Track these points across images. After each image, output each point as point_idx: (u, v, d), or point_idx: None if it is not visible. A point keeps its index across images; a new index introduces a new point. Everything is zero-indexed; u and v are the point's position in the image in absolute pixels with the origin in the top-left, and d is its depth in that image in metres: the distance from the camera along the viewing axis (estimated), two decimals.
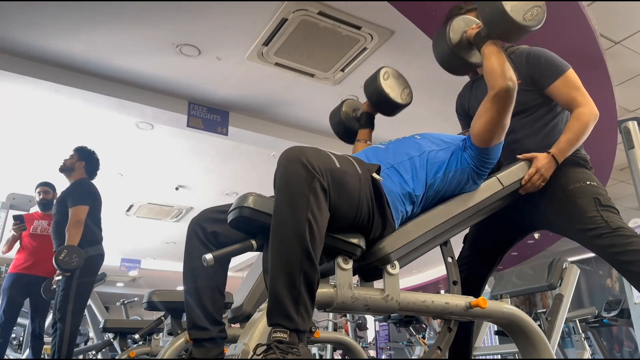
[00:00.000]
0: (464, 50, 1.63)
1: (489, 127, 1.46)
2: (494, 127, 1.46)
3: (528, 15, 1.46)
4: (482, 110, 1.48)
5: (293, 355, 1.01)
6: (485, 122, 1.46)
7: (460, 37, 1.62)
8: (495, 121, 1.45)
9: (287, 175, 1.12)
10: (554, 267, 2.94)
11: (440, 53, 1.66)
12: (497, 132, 1.47)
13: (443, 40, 1.62)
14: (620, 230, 1.55)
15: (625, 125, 2.41)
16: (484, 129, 1.46)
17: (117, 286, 11.63)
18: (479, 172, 1.50)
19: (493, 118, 1.45)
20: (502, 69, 1.45)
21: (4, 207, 4.59)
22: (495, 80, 1.44)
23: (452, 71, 1.74)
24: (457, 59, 1.63)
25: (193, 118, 4.59)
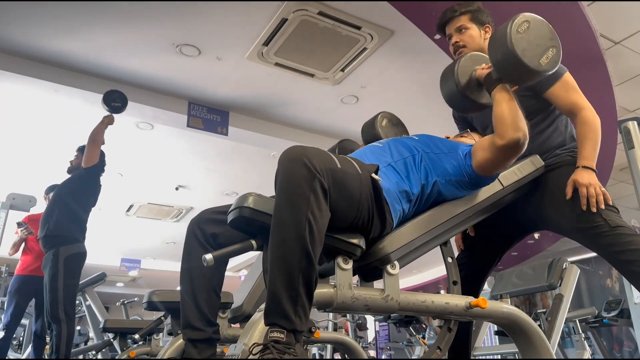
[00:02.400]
0: (474, 92, 1.52)
1: (490, 165, 1.45)
2: (496, 167, 1.46)
3: (544, 59, 1.36)
4: (486, 146, 1.44)
5: (290, 355, 1.00)
6: (487, 160, 1.44)
7: (469, 77, 1.52)
8: (497, 164, 1.45)
9: (288, 174, 1.12)
10: (554, 267, 2.94)
11: (448, 94, 1.56)
12: (497, 170, 1.49)
13: (451, 81, 1.52)
14: (619, 229, 1.55)
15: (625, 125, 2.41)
16: (485, 165, 1.45)
17: (117, 286, 11.63)
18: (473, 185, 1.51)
19: (496, 161, 1.44)
20: (512, 118, 1.38)
21: (4, 207, 4.59)
22: (505, 131, 1.38)
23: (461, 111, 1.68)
24: (467, 100, 1.53)
25: (193, 118, 4.59)
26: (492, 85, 1.45)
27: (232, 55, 3.99)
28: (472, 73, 1.52)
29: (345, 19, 3.56)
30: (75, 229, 3.49)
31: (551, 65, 1.37)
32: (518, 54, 1.33)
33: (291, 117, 4.98)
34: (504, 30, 1.36)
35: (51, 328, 3.28)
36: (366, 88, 4.43)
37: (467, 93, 1.51)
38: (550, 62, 1.37)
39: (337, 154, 1.97)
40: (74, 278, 3.42)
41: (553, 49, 1.38)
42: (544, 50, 1.36)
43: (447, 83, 1.55)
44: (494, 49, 1.39)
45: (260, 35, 3.73)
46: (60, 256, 3.36)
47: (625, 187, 6.33)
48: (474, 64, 1.54)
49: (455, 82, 1.50)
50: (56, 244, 3.39)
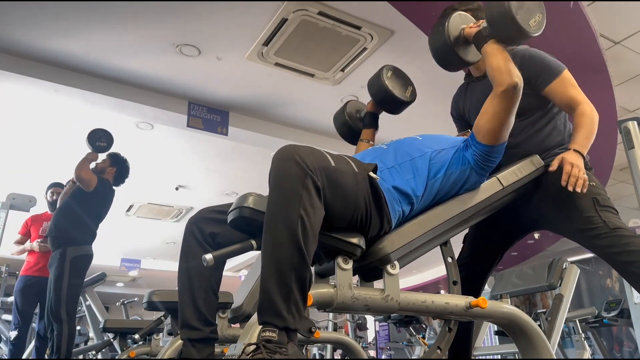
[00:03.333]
0: (461, 47, 1.63)
1: (495, 123, 1.46)
2: (500, 123, 1.47)
3: (532, 22, 1.48)
4: (487, 108, 1.49)
5: (281, 355, 0.99)
6: (491, 119, 1.46)
7: (459, 33, 1.62)
8: (501, 118, 1.46)
9: (279, 172, 1.12)
10: (554, 267, 2.94)
11: (436, 47, 1.65)
12: (503, 129, 1.48)
13: (441, 35, 1.62)
14: (618, 230, 1.54)
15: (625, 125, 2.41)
16: (490, 126, 1.46)
17: (117, 286, 11.63)
18: (480, 172, 1.50)
19: (499, 114, 1.46)
20: (507, 66, 1.46)
21: (4, 207, 4.59)
22: (502, 77, 1.45)
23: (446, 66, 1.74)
24: (454, 55, 1.63)
25: (193, 118, 4.59)
26: (482, 41, 1.54)
27: (232, 55, 3.99)
28: (461, 31, 1.62)
29: (345, 19, 3.56)
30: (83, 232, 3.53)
31: (537, 29, 1.50)
32: (513, 13, 1.45)
33: (291, 117, 4.98)
34: None
35: (52, 327, 3.29)
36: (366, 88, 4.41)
37: (455, 49, 1.61)
38: (537, 26, 1.50)
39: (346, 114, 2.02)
40: (78, 279, 3.44)
41: (540, 15, 1.51)
42: (532, 14, 1.49)
43: (436, 38, 1.65)
44: (491, 7, 1.50)
45: (260, 35, 3.73)
46: (67, 256, 3.39)
47: (625, 187, 6.33)
48: (463, 22, 1.64)
49: (445, 37, 1.60)
50: (63, 244, 3.41)
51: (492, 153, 1.49)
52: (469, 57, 1.65)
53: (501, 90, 1.44)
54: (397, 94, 1.88)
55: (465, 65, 1.70)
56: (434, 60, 1.70)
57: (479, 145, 1.48)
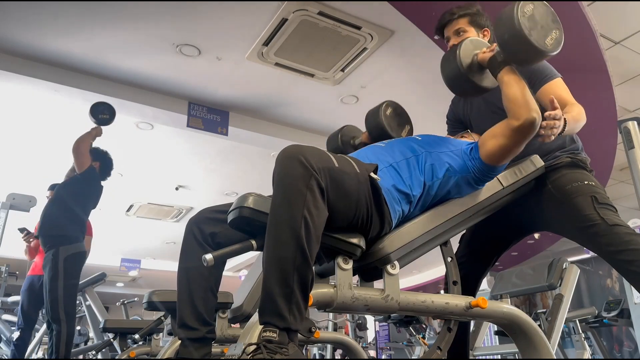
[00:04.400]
0: (476, 75, 1.53)
1: (502, 151, 1.45)
2: (508, 153, 1.46)
3: (549, 39, 1.39)
4: (498, 132, 1.45)
5: (281, 355, 0.99)
6: (499, 146, 1.44)
7: (471, 60, 1.53)
8: (511, 149, 1.45)
9: (284, 172, 1.12)
10: (554, 267, 2.94)
11: (449, 76, 1.56)
12: (509, 156, 1.48)
13: (453, 63, 1.53)
14: (617, 227, 1.54)
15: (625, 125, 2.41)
16: (497, 152, 1.45)
17: (117, 286, 11.63)
18: (478, 181, 1.51)
19: (509, 146, 1.44)
20: (525, 98, 1.40)
21: (4, 207, 4.59)
22: (519, 111, 1.40)
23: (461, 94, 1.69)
24: (469, 83, 1.53)
25: (193, 118, 4.59)
26: (498, 68, 1.46)
27: (232, 55, 3.99)
28: (474, 56, 1.53)
29: (345, 19, 3.56)
30: (74, 229, 3.49)
31: (555, 46, 1.40)
32: (525, 34, 1.35)
33: (291, 117, 4.98)
34: (510, 12, 1.38)
35: (51, 328, 3.29)
36: (366, 88, 4.42)
37: (470, 76, 1.52)
38: (554, 43, 1.40)
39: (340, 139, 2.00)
40: (73, 278, 3.42)
41: (556, 31, 1.42)
42: (548, 31, 1.40)
43: (448, 66, 1.56)
44: (501, 29, 1.41)
45: (260, 35, 3.73)
46: (60, 256, 3.36)
47: (625, 187, 6.33)
48: (475, 47, 1.55)
49: (458, 65, 1.51)
50: (56, 244, 3.39)
51: (492, 172, 1.50)
52: (486, 84, 1.55)
53: (517, 125, 1.40)
54: (393, 134, 1.86)
55: (484, 92, 1.60)
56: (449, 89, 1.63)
57: (480, 162, 1.47)
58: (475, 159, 1.47)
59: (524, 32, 1.35)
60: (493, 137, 1.46)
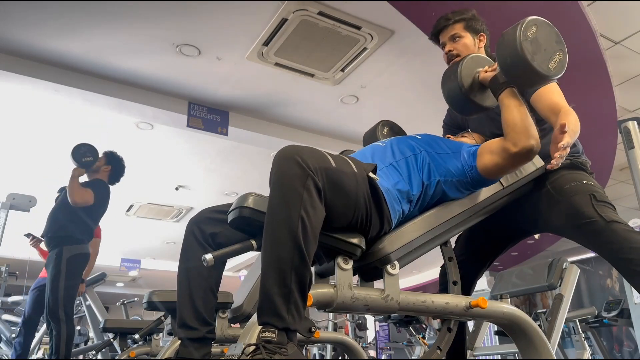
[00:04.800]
0: (477, 94, 1.51)
1: (497, 170, 1.46)
2: (503, 172, 1.48)
3: (552, 63, 1.36)
4: (495, 150, 1.44)
5: (280, 355, 1.00)
6: (495, 164, 1.44)
7: (472, 79, 1.50)
8: (505, 169, 1.47)
9: (281, 173, 1.12)
10: (554, 267, 2.94)
11: (450, 95, 1.55)
12: (504, 174, 1.50)
13: (454, 82, 1.51)
14: (615, 224, 1.52)
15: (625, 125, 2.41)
16: (492, 169, 1.46)
17: (117, 286, 11.63)
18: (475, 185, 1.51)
19: (504, 167, 1.45)
20: (524, 125, 1.38)
21: (4, 207, 4.58)
22: (518, 138, 1.38)
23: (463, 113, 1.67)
24: (470, 102, 1.52)
25: (193, 118, 4.59)
26: (499, 89, 1.44)
27: (232, 55, 3.99)
28: (475, 75, 1.51)
29: (345, 19, 3.56)
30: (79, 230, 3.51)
31: (559, 70, 1.37)
32: (528, 59, 1.32)
33: (291, 117, 4.98)
34: (513, 34, 1.35)
35: (51, 328, 3.29)
36: (366, 88, 4.43)
37: (470, 96, 1.50)
38: (558, 67, 1.37)
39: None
40: (75, 278, 3.43)
41: (560, 53, 1.38)
42: (551, 55, 1.36)
43: (449, 85, 1.54)
44: (503, 52, 1.38)
45: (260, 35, 3.73)
46: (64, 256, 3.38)
47: (625, 187, 6.33)
48: (477, 65, 1.53)
49: (458, 84, 1.49)
50: (60, 244, 3.41)
51: (487, 183, 1.51)
52: (488, 103, 1.54)
53: (514, 152, 1.39)
54: None
55: (485, 110, 1.58)
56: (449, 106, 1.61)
57: (476, 171, 1.47)
58: (472, 167, 1.47)
59: (526, 57, 1.32)
60: (490, 153, 1.45)
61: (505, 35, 1.39)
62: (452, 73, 1.53)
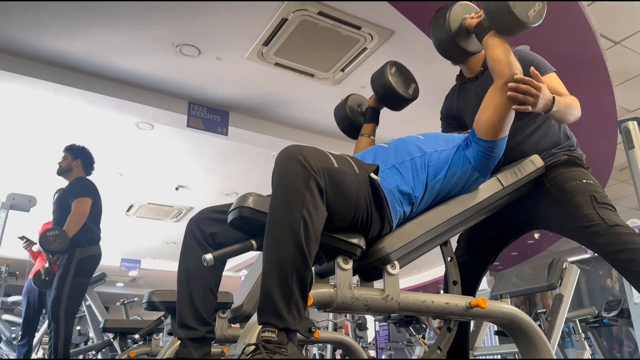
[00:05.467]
0: (463, 39, 1.66)
1: (496, 117, 1.47)
2: (502, 116, 1.47)
3: (531, 12, 1.48)
4: (488, 102, 1.50)
5: (280, 355, 1.00)
6: (492, 113, 1.47)
7: (460, 25, 1.65)
8: (503, 110, 1.47)
9: (283, 172, 1.12)
10: (554, 267, 2.94)
11: (438, 39, 1.70)
12: (504, 122, 1.49)
13: (442, 27, 1.65)
14: (617, 227, 1.53)
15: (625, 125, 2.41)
16: (492, 120, 1.47)
17: (117, 286, 11.63)
18: (481, 171, 1.50)
19: (501, 107, 1.47)
20: (508, 58, 1.48)
21: (4, 207, 4.58)
22: (503, 69, 1.47)
23: (450, 58, 1.78)
24: (456, 46, 1.67)
25: (193, 118, 4.59)
26: (483, 33, 1.56)
27: (232, 55, 3.99)
28: (462, 21, 1.65)
29: (345, 19, 3.56)
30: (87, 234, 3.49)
31: (537, 18, 1.49)
32: (510, 6, 1.45)
33: (291, 117, 4.98)
34: None
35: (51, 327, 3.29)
36: (366, 88, 4.40)
37: (457, 40, 1.65)
38: (536, 15, 1.49)
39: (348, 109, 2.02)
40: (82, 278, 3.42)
41: (540, 3, 1.50)
42: (532, 4, 1.48)
43: (438, 30, 1.69)
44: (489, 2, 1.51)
45: (260, 35, 3.73)
46: (75, 258, 3.37)
47: (625, 187, 6.33)
48: (464, 12, 1.66)
49: (446, 29, 1.64)
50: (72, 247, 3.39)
51: (494, 149, 1.49)
52: (472, 48, 1.69)
53: (502, 82, 1.46)
54: (400, 91, 1.89)
55: (469, 55, 1.74)
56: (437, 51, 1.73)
57: (480, 141, 1.48)
58: (475, 141, 1.48)
59: (508, 4, 1.45)
60: (485, 109, 1.50)
61: None
62: (441, 18, 1.67)
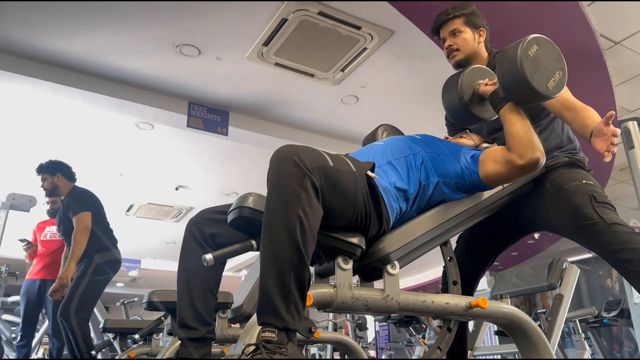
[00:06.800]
0: (477, 106, 1.54)
1: (500, 179, 1.46)
2: (505, 181, 1.49)
3: (551, 82, 1.38)
4: (499, 159, 1.43)
5: (280, 355, 1.00)
6: (498, 174, 1.44)
7: (473, 91, 1.53)
8: (508, 179, 1.47)
9: (278, 172, 1.12)
10: (554, 267, 2.94)
11: (450, 105, 1.58)
12: (505, 183, 1.50)
13: (454, 94, 1.54)
14: (616, 226, 1.53)
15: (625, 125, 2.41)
16: (495, 178, 1.45)
17: (117, 286, 11.63)
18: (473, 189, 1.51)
19: (508, 177, 1.45)
20: (529, 138, 1.39)
21: (4, 207, 4.58)
22: (524, 150, 1.38)
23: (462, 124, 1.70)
24: (469, 114, 1.55)
25: (193, 118, 4.59)
26: (500, 104, 1.46)
27: (232, 55, 3.99)
28: (475, 87, 1.53)
29: (345, 19, 3.55)
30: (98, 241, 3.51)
31: (558, 89, 1.40)
32: (527, 78, 1.35)
33: (291, 117, 4.98)
34: (514, 52, 1.37)
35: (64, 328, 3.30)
36: (366, 88, 4.42)
37: (470, 108, 1.53)
38: (557, 86, 1.40)
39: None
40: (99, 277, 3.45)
41: (560, 72, 1.40)
42: (551, 74, 1.39)
43: (449, 96, 1.56)
44: (504, 70, 1.40)
45: (260, 35, 3.73)
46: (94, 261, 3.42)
47: (625, 187, 6.33)
48: (477, 77, 1.54)
49: (458, 96, 1.51)
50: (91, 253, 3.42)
51: (486, 188, 1.51)
52: (487, 116, 1.57)
53: (521, 164, 1.38)
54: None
55: (483, 122, 1.62)
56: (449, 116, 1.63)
57: (477, 177, 1.46)
58: (474, 172, 1.46)
59: (526, 76, 1.35)
60: (494, 162, 1.44)
61: (506, 52, 1.41)
62: (452, 84, 1.55)
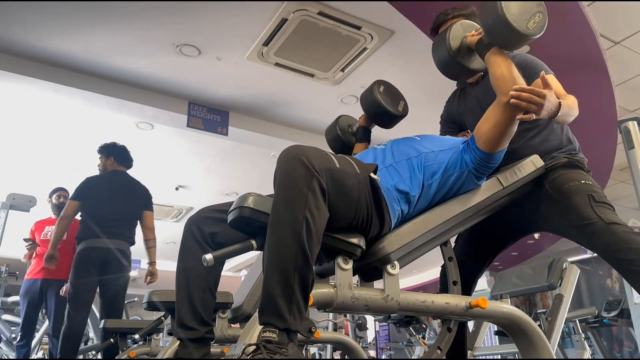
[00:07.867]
0: (465, 57, 1.61)
1: (496, 132, 1.46)
2: (502, 132, 1.46)
3: (531, 23, 1.43)
4: (489, 115, 1.48)
5: (281, 355, 1.00)
6: (492, 127, 1.46)
7: (460, 43, 1.60)
8: (503, 127, 1.46)
9: (286, 173, 1.12)
10: (554, 267, 2.94)
11: (440, 60, 1.64)
12: (504, 137, 1.48)
13: (443, 47, 1.60)
14: (615, 226, 1.53)
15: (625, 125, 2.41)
16: (491, 134, 1.46)
17: None
18: (477, 176, 1.50)
19: (502, 124, 1.45)
20: (511, 74, 1.45)
21: (4, 207, 4.58)
22: (507, 86, 1.43)
23: (453, 77, 1.74)
24: (458, 66, 1.61)
25: (193, 118, 4.59)
26: (484, 50, 1.52)
27: (232, 55, 3.99)
28: (462, 39, 1.60)
29: (345, 19, 3.56)
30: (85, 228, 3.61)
31: (538, 30, 1.44)
32: (508, 19, 1.40)
33: (291, 117, 4.98)
34: None
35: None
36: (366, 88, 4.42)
37: (458, 59, 1.60)
38: (537, 27, 1.44)
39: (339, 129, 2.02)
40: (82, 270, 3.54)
41: (540, 14, 1.45)
42: (531, 15, 1.44)
43: (439, 50, 1.64)
44: (485, 14, 1.47)
45: (260, 35, 3.73)
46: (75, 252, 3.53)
47: (625, 187, 6.33)
48: (465, 31, 1.62)
49: (447, 48, 1.59)
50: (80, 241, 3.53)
51: (491, 160, 1.50)
52: (475, 66, 1.62)
53: (506, 100, 1.43)
54: (390, 108, 1.90)
55: (474, 73, 1.69)
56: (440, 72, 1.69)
57: (478, 151, 1.47)
58: (474, 149, 1.48)
59: (506, 18, 1.40)
60: (486, 121, 1.48)
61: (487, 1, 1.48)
62: (441, 39, 1.63)
